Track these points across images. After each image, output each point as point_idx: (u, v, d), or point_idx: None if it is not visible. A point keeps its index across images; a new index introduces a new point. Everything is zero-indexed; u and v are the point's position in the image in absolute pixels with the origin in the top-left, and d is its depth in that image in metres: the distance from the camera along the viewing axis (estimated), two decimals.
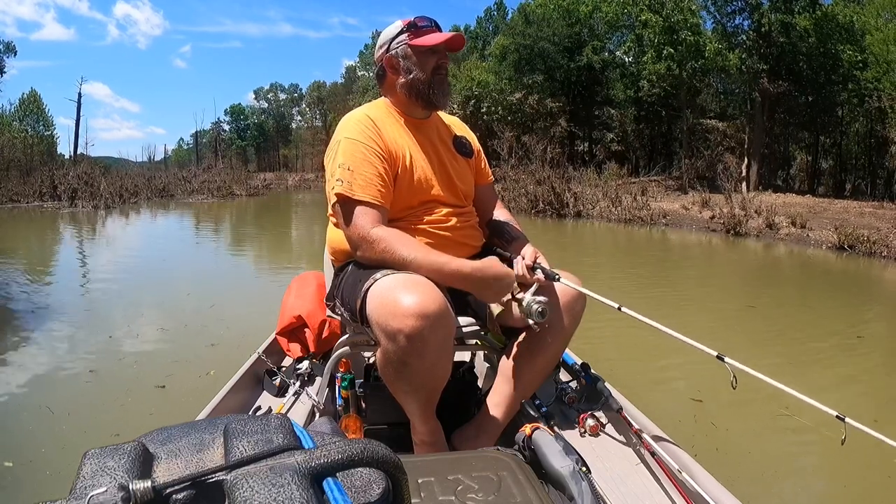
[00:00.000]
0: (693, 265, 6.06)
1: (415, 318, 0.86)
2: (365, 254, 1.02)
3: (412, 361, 0.90)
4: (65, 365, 2.50)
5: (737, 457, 1.72)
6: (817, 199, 11.58)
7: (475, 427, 1.08)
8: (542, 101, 18.26)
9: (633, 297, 3.96)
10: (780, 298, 4.31)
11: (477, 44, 28.45)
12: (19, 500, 1.47)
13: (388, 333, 0.89)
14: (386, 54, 1.14)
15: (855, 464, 1.67)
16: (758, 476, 1.62)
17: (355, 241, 1.02)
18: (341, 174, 1.03)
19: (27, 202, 12.41)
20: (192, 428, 0.42)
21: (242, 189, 17.25)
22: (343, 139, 1.07)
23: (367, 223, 1.01)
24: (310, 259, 5.45)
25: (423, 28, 1.12)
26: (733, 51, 14.47)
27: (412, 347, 0.88)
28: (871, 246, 6.17)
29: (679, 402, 2.11)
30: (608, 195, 10.79)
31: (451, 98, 1.20)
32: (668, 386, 2.36)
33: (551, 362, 1.13)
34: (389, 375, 0.96)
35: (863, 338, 3.08)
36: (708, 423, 1.90)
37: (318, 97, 45.67)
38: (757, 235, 7.70)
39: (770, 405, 2.02)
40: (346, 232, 1.04)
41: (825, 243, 6.79)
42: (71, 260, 5.82)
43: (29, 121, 26.45)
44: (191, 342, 2.81)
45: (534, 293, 1.02)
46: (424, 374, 0.93)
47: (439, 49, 1.12)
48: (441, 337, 0.90)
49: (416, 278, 0.94)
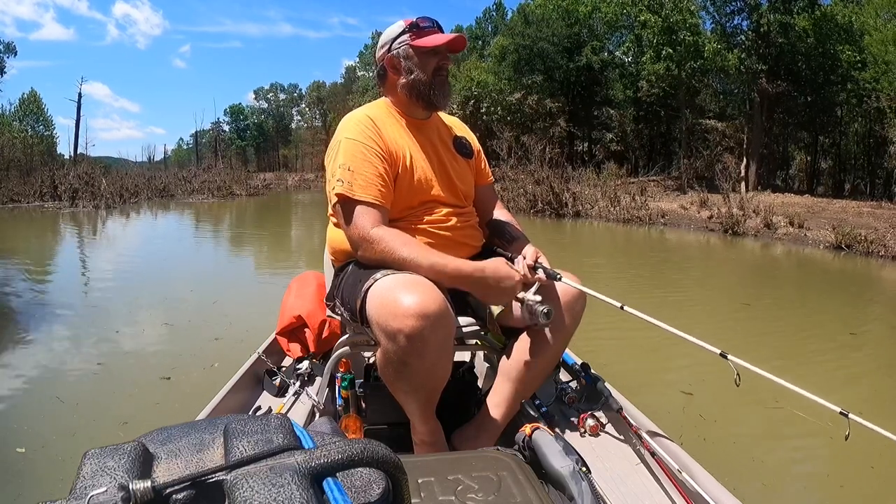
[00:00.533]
0: (692, 265, 6.08)
1: (415, 319, 0.86)
2: (365, 254, 1.02)
3: (412, 361, 0.90)
4: (74, 358, 2.58)
5: (725, 446, 1.77)
6: (815, 199, 11.59)
7: (475, 427, 1.08)
8: (542, 101, 18.27)
9: (633, 297, 3.94)
10: (777, 297, 4.36)
11: (476, 44, 28.45)
12: (30, 483, 1.52)
13: (388, 333, 0.89)
14: (387, 54, 1.14)
15: (855, 460, 1.68)
16: (746, 463, 1.66)
17: (356, 241, 1.02)
18: (342, 174, 1.03)
19: (28, 202, 12.44)
20: (192, 428, 0.42)
21: (242, 189, 17.29)
22: (343, 139, 1.07)
23: (368, 223, 1.01)
24: (309, 257, 5.55)
25: (426, 29, 1.12)
26: (732, 51, 14.48)
27: (412, 347, 0.88)
28: (869, 245, 6.20)
29: (671, 395, 2.13)
30: (607, 195, 10.80)
31: (451, 98, 1.20)
32: (663, 380, 2.38)
33: (551, 362, 1.13)
34: (389, 375, 0.95)
35: (856, 335, 3.13)
36: (696, 415, 1.94)
37: (317, 97, 45.69)
38: (755, 235, 7.72)
39: (766, 400, 2.03)
40: (346, 232, 1.04)
41: (823, 243, 6.81)
42: (75, 259, 5.92)
43: (29, 121, 26.46)
44: (194, 336, 2.89)
45: (535, 292, 1.02)
46: (424, 374, 0.93)
47: (441, 50, 1.12)
48: (441, 337, 0.90)
49: (415, 278, 0.93)
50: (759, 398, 2.05)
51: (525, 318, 1.04)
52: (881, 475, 1.63)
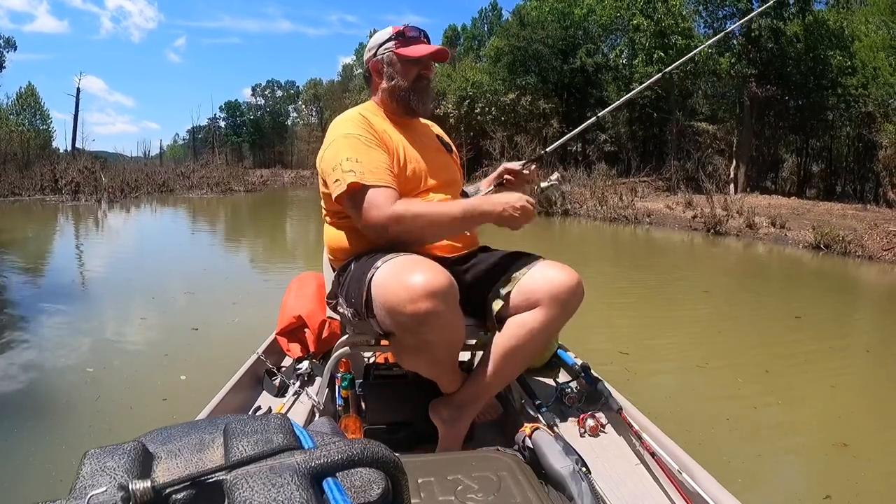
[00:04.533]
0: (667, 258, 6.52)
1: (426, 299, 0.87)
2: (396, 230, 1.01)
3: (432, 338, 0.92)
4: (123, 313, 3.30)
5: (647, 385, 2.31)
6: (802, 202, 11.69)
7: (455, 407, 1.06)
8: (535, 102, 18.34)
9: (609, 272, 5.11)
10: (734, 286, 4.83)
11: (473, 44, 28.51)
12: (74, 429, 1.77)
13: (401, 318, 0.90)
14: (373, 58, 1.19)
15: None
16: (661, 396, 2.16)
17: (380, 224, 1.01)
18: (350, 166, 1.03)
19: (29, 195, 12.61)
20: (191, 428, 0.42)
21: (240, 185, 17.41)
22: (340, 136, 1.09)
23: (388, 202, 1.01)
24: (306, 252, 6.09)
25: (412, 38, 1.16)
26: (724, 55, 14.63)
27: (429, 326, 0.89)
28: (847, 245, 6.32)
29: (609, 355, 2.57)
30: (595, 194, 10.99)
31: (446, 98, 1.23)
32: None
33: (541, 345, 1.10)
34: (409, 359, 0.98)
35: (800, 318, 3.58)
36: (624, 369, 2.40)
37: (314, 95, 45.56)
38: (737, 234, 7.92)
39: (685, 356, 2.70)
40: (365, 220, 1.02)
41: (802, 242, 6.93)
42: (97, 246, 6.65)
43: (26, 115, 26.15)
44: (215, 301, 3.60)
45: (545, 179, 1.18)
46: (444, 345, 0.96)
47: (423, 60, 1.16)
48: (452, 306, 0.92)
49: (413, 259, 0.95)
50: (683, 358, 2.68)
51: (538, 194, 1.20)
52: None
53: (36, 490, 1.46)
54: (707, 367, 2.55)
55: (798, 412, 2.13)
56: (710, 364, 2.58)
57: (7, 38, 21.81)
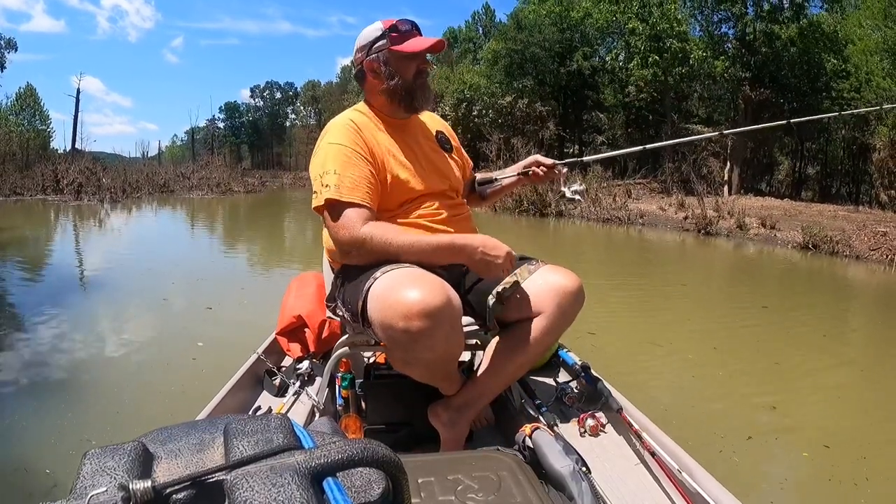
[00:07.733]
0: (657, 257, 6.64)
1: (419, 318, 0.85)
2: (359, 253, 1.00)
3: (422, 356, 0.90)
4: (146, 299, 3.68)
5: (611, 357, 2.56)
6: (794, 203, 11.77)
7: (455, 409, 1.06)
8: (532, 104, 18.41)
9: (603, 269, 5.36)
10: (716, 280, 5.22)
11: (469, 46, 28.56)
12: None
13: (393, 335, 0.89)
14: (366, 58, 1.13)
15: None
16: (624, 361, 2.53)
17: (346, 244, 1.00)
18: (328, 179, 1.02)
19: (30, 195, 12.69)
20: (192, 428, 0.42)
21: (240, 186, 17.52)
22: (326, 144, 1.07)
23: (358, 223, 1.00)
24: (303, 250, 6.36)
25: (406, 33, 1.11)
26: (718, 58, 14.73)
27: (420, 345, 0.88)
28: (835, 246, 6.39)
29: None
30: (589, 195, 11.06)
31: (444, 101, 1.22)
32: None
33: (542, 349, 1.11)
34: (400, 366, 0.97)
35: (767, 307, 3.89)
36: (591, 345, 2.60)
37: (312, 96, 45.56)
38: (727, 235, 7.99)
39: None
40: (335, 235, 1.02)
41: (791, 243, 6.99)
42: (115, 242, 7.10)
43: (25, 115, 26.06)
44: (225, 285, 4.18)
45: (567, 184, 1.21)
46: (437, 361, 0.94)
47: (420, 54, 1.12)
48: (448, 327, 0.89)
49: (414, 272, 0.93)
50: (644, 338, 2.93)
51: (561, 194, 1.25)
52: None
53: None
54: (697, 363, 2.63)
55: (795, 412, 2.15)
56: (700, 361, 2.67)
57: (8, 40, 21.87)
